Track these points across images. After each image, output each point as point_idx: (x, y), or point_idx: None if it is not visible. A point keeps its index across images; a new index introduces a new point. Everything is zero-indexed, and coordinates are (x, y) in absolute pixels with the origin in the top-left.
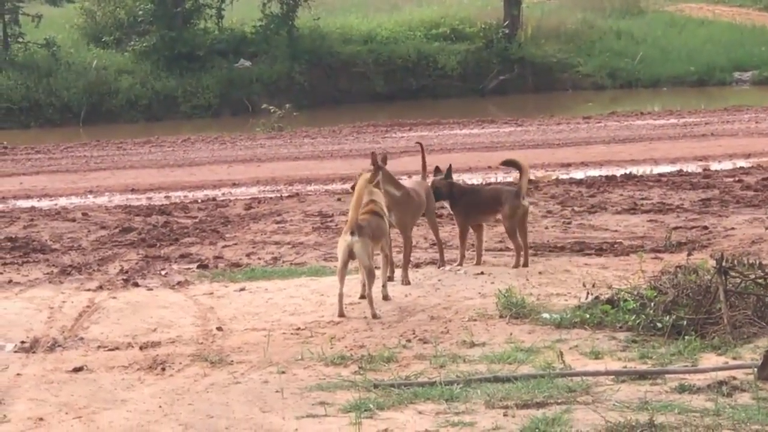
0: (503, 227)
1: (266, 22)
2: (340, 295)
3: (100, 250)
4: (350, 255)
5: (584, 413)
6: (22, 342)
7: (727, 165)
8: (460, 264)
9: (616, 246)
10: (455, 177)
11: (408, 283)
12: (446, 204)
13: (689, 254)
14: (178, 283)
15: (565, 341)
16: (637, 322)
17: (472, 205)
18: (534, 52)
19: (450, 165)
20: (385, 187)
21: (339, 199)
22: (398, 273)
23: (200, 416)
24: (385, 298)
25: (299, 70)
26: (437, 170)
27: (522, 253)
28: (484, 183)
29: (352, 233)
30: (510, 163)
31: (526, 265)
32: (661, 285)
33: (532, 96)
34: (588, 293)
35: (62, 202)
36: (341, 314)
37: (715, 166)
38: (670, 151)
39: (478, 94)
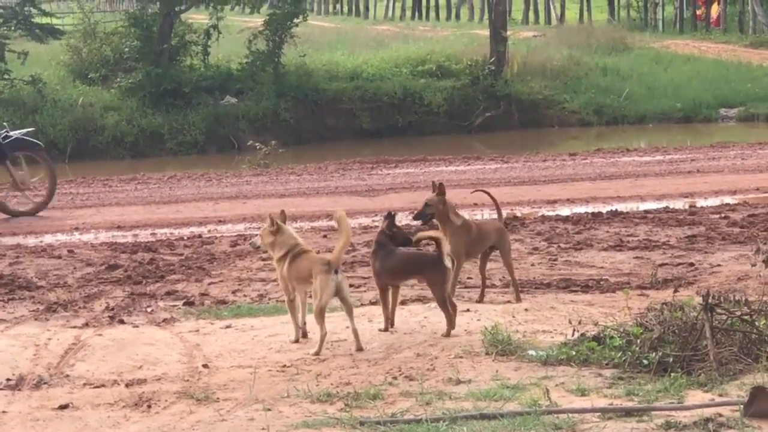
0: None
1: (252, 59)
2: (324, 336)
3: (86, 287)
4: (336, 293)
5: None
6: (8, 379)
7: (713, 201)
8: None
9: (602, 283)
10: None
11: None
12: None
13: (675, 291)
14: (164, 320)
15: (551, 378)
16: (624, 359)
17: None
18: (520, 88)
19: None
20: (449, 214)
21: (325, 236)
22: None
23: None
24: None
25: (285, 107)
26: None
27: (450, 318)
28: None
29: (336, 271)
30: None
31: (518, 300)
32: (647, 322)
33: (519, 132)
34: (574, 330)
35: (48, 239)
36: (318, 353)
37: (701, 202)
38: (656, 187)
39: (464, 131)
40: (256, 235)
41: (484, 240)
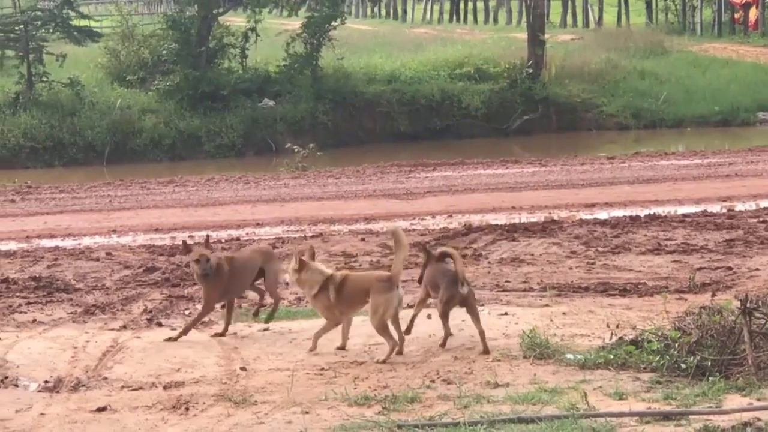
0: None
1: (290, 61)
2: (393, 347)
3: (124, 289)
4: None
5: None
6: (46, 381)
7: (751, 205)
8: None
9: (640, 287)
10: (479, 218)
11: None
12: None
13: (713, 295)
14: (202, 323)
15: (589, 382)
16: (662, 362)
17: None
18: (558, 91)
19: None
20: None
21: (363, 239)
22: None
23: None
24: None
25: (323, 110)
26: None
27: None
28: (505, 224)
29: (397, 287)
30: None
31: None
32: (685, 326)
33: (556, 136)
34: (612, 334)
35: (86, 241)
36: (385, 361)
37: (739, 206)
38: (694, 191)
39: (501, 134)
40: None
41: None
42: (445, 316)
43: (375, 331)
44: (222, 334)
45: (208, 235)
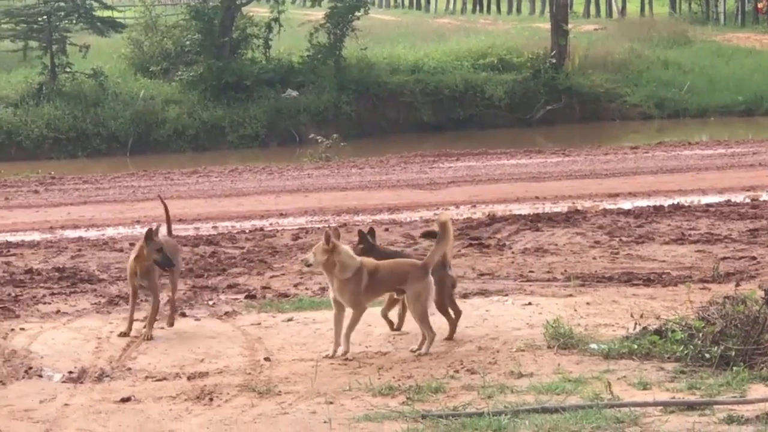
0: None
1: (313, 52)
2: (433, 337)
3: None
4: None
5: None
6: (70, 372)
7: None
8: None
9: (663, 276)
10: (502, 208)
11: None
12: None
13: (737, 285)
14: (226, 313)
15: (613, 372)
16: (685, 352)
17: None
18: (581, 82)
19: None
20: None
21: (386, 230)
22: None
23: None
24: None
25: (346, 100)
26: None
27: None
28: (529, 214)
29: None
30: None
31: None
32: (709, 315)
33: (579, 126)
34: (636, 324)
35: (110, 232)
36: (427, 353)
37: (763, 196)
38: (718, 181)
39: (525, 124)
40: (310, 252)
41: None
42: (443, 308)
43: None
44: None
45: None
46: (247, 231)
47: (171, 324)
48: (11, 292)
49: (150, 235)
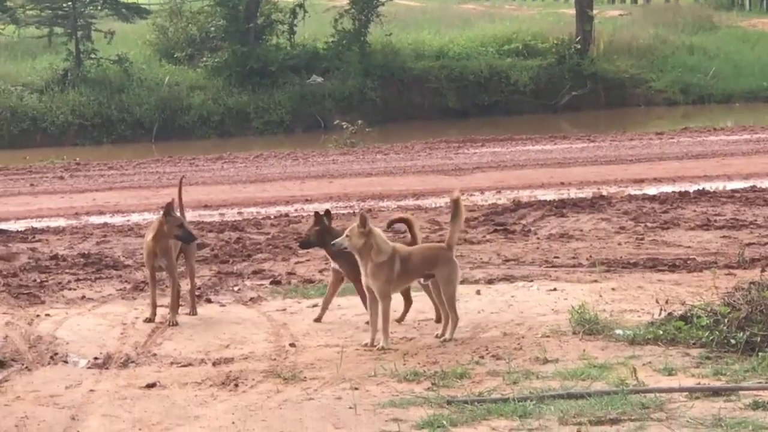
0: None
1: (338, 38)
2: (457, 321)
3: None
4: None
5: (658, 430)
6: (95, 358)
7: None
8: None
9: (689, 262)
10: (527, 194)
11: None
12: None
13: (763, 270)
14: (251, 299)
15: (638, 357)
16: (711, 338)
17: None
18: (606, 67)
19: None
20: None
21: (412, 215)
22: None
23: None
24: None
25: (371, 86)
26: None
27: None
28: (554, 200)
29: None
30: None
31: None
32: (734, 301)
33: (605, 112)
34: (661, 309)
35: (135, 218)
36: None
37: None
38: (743, 166)
39: (550, 110)
40: (344, 235)
41: None
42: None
43: (425, 306)
44: None
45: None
46: (272, 217)
47: (194, 312)
48: (37, 278)
49: (169, 210)
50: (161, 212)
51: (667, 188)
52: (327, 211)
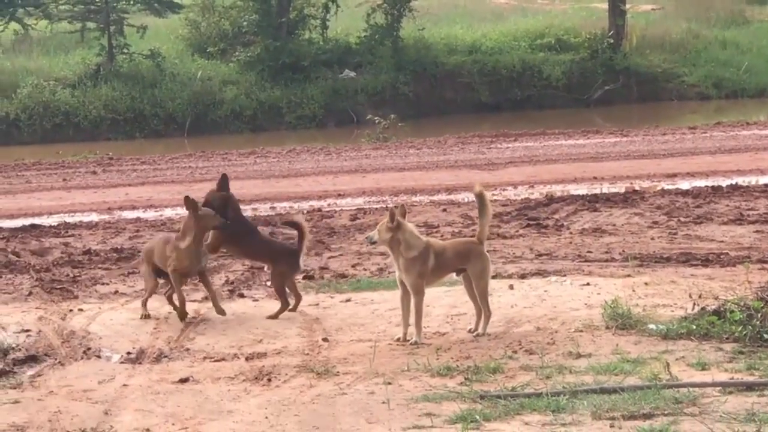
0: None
1: (371, 32)
2: (490, 316)
3: None
4: None
5: (691, 425)
6: (128, 353)
7: None
8: None
9: (722, 257)
10: (560, 188)
11: None
12: None
13: None
14: None
15: (671, 352)
16: (744, 333)
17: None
18: (639, 62)
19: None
20: None
21: (444, 210)
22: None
23: (307, 427)
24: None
25: (404, 81)
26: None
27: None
28: (587, 194)
29: None
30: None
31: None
32: None
33: (637, 106)
34: (694, 304)
35: (168, 213)
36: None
37: None
38: None
39: (582, 105)
40: (374, 230)
41: None
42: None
43: (457, 302)
44: None
45: None
46: (304, 211)
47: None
48: (70, 273)
49: (196, 205)
50: (188, 212)
51: (700, 183)
52: (224, 175)
